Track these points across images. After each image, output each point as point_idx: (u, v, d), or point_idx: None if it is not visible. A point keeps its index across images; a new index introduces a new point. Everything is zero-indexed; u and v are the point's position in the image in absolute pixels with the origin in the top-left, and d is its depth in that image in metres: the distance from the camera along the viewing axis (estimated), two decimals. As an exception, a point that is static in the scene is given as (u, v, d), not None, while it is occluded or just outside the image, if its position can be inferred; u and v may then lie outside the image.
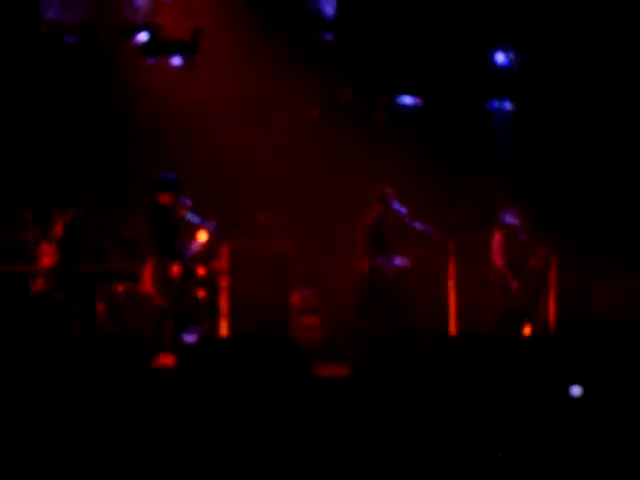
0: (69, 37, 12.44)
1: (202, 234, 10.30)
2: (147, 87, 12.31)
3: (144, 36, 12.29)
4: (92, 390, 6.55)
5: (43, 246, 10.66)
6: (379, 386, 6.90)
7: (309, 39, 13.44)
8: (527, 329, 11.82)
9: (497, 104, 14.26)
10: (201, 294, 11.27)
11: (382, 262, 11.47)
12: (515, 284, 11.80)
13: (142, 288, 9.99)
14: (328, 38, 13.44)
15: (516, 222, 11.86)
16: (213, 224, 10.50)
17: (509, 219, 11.88)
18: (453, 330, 11.77)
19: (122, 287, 10.99)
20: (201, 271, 10.93)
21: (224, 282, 11.16)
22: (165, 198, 9.95)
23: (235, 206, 12.44)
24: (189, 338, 10.13)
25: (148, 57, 12.32)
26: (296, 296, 12.28)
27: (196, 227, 10.38)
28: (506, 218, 11.88)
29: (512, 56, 14.08)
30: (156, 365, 9.01)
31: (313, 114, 13.42)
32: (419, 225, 11.44)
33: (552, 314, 12.21)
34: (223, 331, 11.03)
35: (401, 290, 11.59)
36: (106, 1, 12.39)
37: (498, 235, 11.89)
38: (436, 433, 6.39)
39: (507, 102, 14.27)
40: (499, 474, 6.13)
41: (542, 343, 8.16)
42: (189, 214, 10.15)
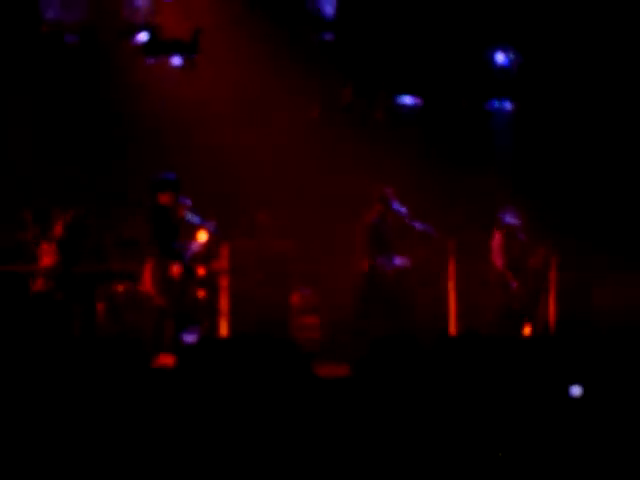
0: (69, 37, 12.44)
1: (202, 234, 10.30)
2: (147, 87, 12.31)
3: (144, 36, 12.29)
4: (92, 390, 6.55)
5: (43, 246, 10.66)
6: (379, 386, 6.90)
7: (309, 39, 13.44)
8: (527, 329, 11.82)
9: (497, 104, 14.26)
10: (201, 294, 11.27)
11: (382, 262, 11.47)
12: (515, 284, 11.81)
13: (142, 288, 9.99)
14: (328, 38, 13.45)
15: (516, 222, 11.87)
16: (213, 224, 10.50)
17: (509, 219, 11.88)
18: (453, 330, 11.78)
19: (122, 287, 10.99)
20: (201, 271, 10.93)
21: (224, 282, 11.17)
22: (165, 198, 9.96)
23: (235, 206, 12.44)
24: (189, 338, 10.12)
25: (148, 57, 12.32)
26: (296, 296, 12.29)
27: (196, 227, 10.39)
28: (506, 218, 11.88)
29: (512, 56, 14.08)
30: (156, 365, 9.01)
31: (313, 114, 13.43)
32: (419, 225, 11.44)
33: (552, 314, 12.21)
34: (223, 331, 11.04)
35: (401, 290, 11.59)
36: (106, 1, 12.39)
37: (498, 235, 11.90)
38: (436, 433, 6.39)
39: (507, 102, 14.26)
40: (499, 474, 6.12)
41: (542, 343, 8.16)
42: (189, 214, 10.15)
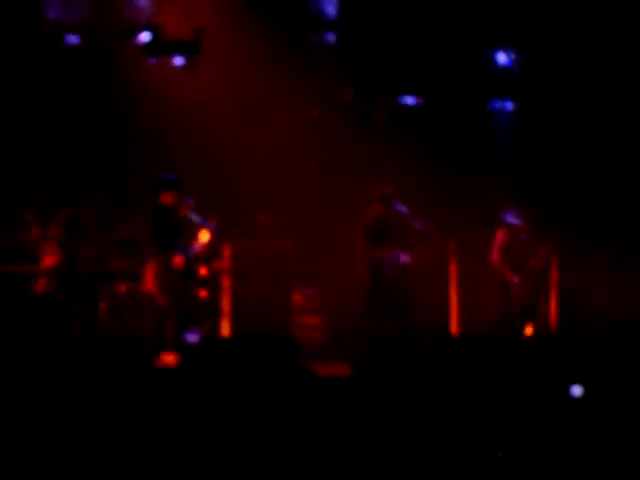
0: (70, 37, 12.44)
1: (204, 234, 10.31)
2: (148, 87, 12.30)
3: (146, 36, 12.28)
4: (94, 390, 6.56)
5: (44, 246, 10.66)
6: (380, 386, 6.91)
7: (310, 39, 13.44)
8: (529, 329, 11.80)
9: (498, 104, 14.25)
10: (203, 294, 11.28)
11: (382, 262, 11.47)
12: (516, 279, 11.79)
13: (144, 288, 10.00)
14: (329, 38, 13.45)
15: (517, 222, 11.86)
16: (214, 224, 10.52)
17: (510, 219, 11.87)
18: (454, 330, 11.78)
19: (124, 287, 11.00)
20: (203, 271, 10.94)
21: (226, 282, 11.18)
22: (167, 198, 9.97)
23: (235, 206, 12.44)
24: (191, 338, 10.14)
25: (149, 57, 12.32)
26: (297, 296, 12.30)
27: (198, 227, 10.40)
28: (507, 218, 11.87)
29: (513, 56, 14.08)
30: (158, 365, 9.03)
31: (313, 114, 13.42)
32: (420, 224, 11.43)
33: (553, 314, 12.21)
34: (225, 331, 11.04)
35: (401, 290, 11.58)
36: (107, 1, 12.39)
37: (500, 233, 11.87)
38: (437, 433, 6.40)
39: (508, 102, 14.26)
40: (499, 474, 6.13)
41: (542, 343, 8.17)
42: (191, 214, 10.17)
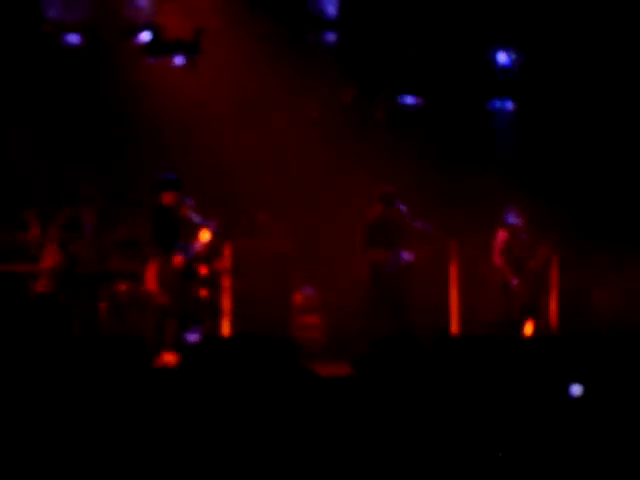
0: (70, 37, 12.45)
1: (205, 234, 10.31)
2: (148, 87, 12.30)
3: (146, 36, 12.29)
4: (95, 390, 6.56)
5: (45, 246, 10.66)
6: (380, 386, 6.91)
7: (310, 39, 13.44)
8: (529, 327, 11.79)
9: (498, 104, 14.26)
10: (203, 294, 11.29)
11: (383, 262, 11.46)
12: (516, 281, 11.80)
13: (145, 288, 10.00)
14: (329, 38, 13.45)
15: (518, 222, 11.86)
16: (214, 224, 10.52)
17: (511, 219, 11.87)
18: (454, 330, 11.80)
19: (124, 287, 11.00)
20: (203, 270, 10.94)
21: (226, 282, 11.19)
22: (167, 198, 9.98)
23: (236, 206, 12.44)
24: (192, 337, 10.14)
25: (150, 57, 12.32)
26: (297, 296, 12.31)
27: (198, 227, 10.40)
28: (508, 218, 11.87)
29: (513, 56, 14.09)
30: (158, 364, 9.03)
31: (313, 114, 13.42)
32: (419, 224, 11.43)
33: (553, 314, 12.22)
34: (225, 330, 11.06)
35: (401, 290, 11.58)
36: (108, 1, 12.40)
37: (501, 234, 11.88)
38: (437, 433, 6.40)
39: (509, 102, 14.27)
40: (499, 474, 6.13)
41: (542, 343, 8.18)
42: (192, 214, 10.18)
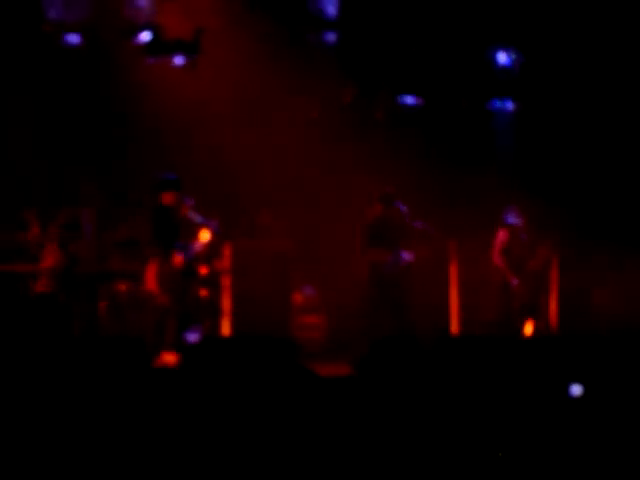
0: (71, 37, 12.45)
1: (205, 234, 10.31)
2: (148, 87, 12.30)
3: (146, 36, 12.29)
4: (95, 390, 6.56)
5: (45, 246, 10.66)
6: (380, 386, 6.91)
7: (310, 39, 13.44)
8: (529, 327, 11.79)
9: (499, 104, 14.26)
10: (203, 293, 11.29)
11: (383, 262, 11.46)
12: (516, 282, 11.80)
13: (145, 288, 10.00)
14: (329, 38, 13.45)
15: (518, 222, 11.86)
16: (214, 224, 10.52)
17: (511, 219, 11.87)
18: (454, 330, 11.80)
19: (124, 287, 11.00)
20: (203, 270, 10.94)
21: (226, 282, 11.19)
22: (167, 198, 9.98)
23: (236, 206, 12.44)
24: (191, 337, 10.14)
25: (150, 57, 12.32)
26: (297, 296, 12.31)
27: (199, 226, 10.41)
28: (509, 218, 11.88)
29: (514, 56, 14.09)
30: (158, 364, 9.03)
31: (313, 114, 13.40)
32: (420, 224, 11.43)
33: (553, 314, 12.23)
34: (225, 330, 11.06)
35: (401, 290, 11.57)
36: (108, 1, 12.40)
37: (502, 234, 11.88)
38: (437, 433, 6.40)
39: (509, 102, 14.27)
40: (499, 474, 6.13)
41: (542, 343, 8.19)
42: (192, 213, 10.18)
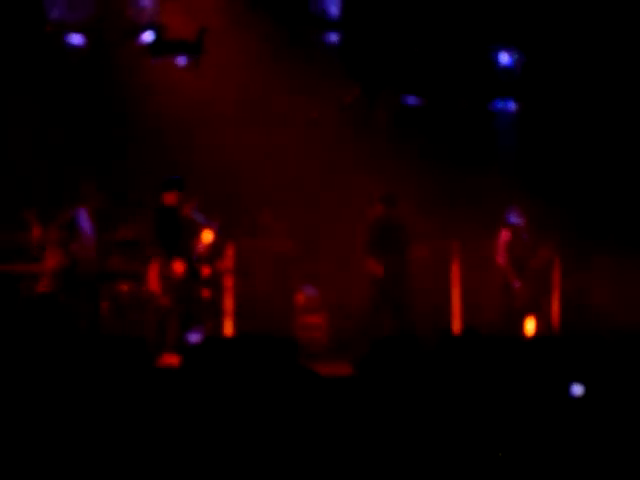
0: (73, 37, 12.47)
1: (208, 234, 10.33)
2: (151, 87, 12.31)
3: (149, 36, 12.30)
4: (96, 390, 6.58)
5: (46, 247, 10.67)
6: (381, 386, 6.93)
7: (313, 39, 13.46)
8: (530, 327, 11.79)
9: (501, 104, 14.28)
10: (206, 294, 11.30)
11: (378, 275, 11.46)
12: (518, 283, 11.81)
13: (147, 288, 10.02)
14: (332, 38, 13.47)
15: (520, 222, 11.88)
16: (216, 224, 10.54)
17: (513, 219, 11.89)
18: (456, 329, 11.82)
19: (126, 287, 11.02)
20: (206, 271, 10.95)
21: (229, 282, 11.21)
22: (170, 198, 10.00)
23: (238, 206, 12.45)
24: (194, 338, 10.15)
25: (153, 57, 12.33)
26: (299, 296, 12.33)
27: (201, 227, 10.43)
28: (510, 218, 11.89)
29: (515, 56, 14.10)
30: (160, 365, 9.04)
31: (314, 114, 13.38)
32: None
33: (554, 314, 12.24)
34: (227, 331, 11.08)
35: (401, 290, 11.59)
36: (111, 1, 12.42)
37: (504, 234, 11.89)
38: (438, 433, 6.42)
39: (511, 102, 14.29)
40: (499, 474, 6.15)
41: (543, 343, 8.20)
42: (194, 214, 10.20)
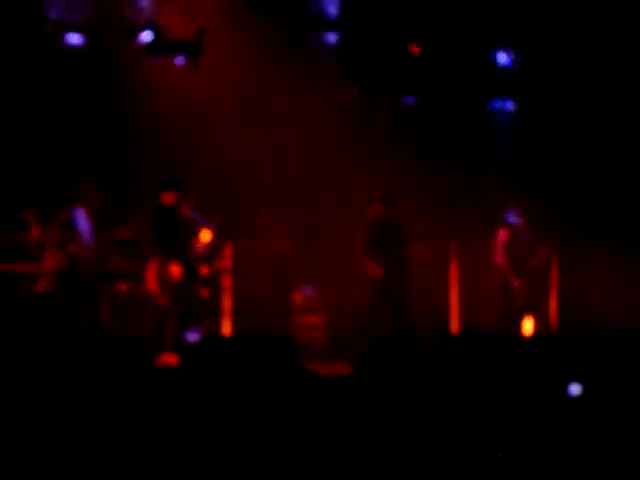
0: (72, 37, 12.47)
1: (206, 234, 10.33)
2: (150, 87, 12.31)
3: (147, 36, 12.30)
4: (95, 390, 6.58)
5: (46, 247, 10.67)
6: (380, 386, 6.93)
7: (311, 39, 13.46)
8: (529, 327, 11.79)
9: (499, 104, 14.28)
10: (204, 293, 11.30)
11: (377, 277, 11.46)
12: (517, 283, 11.82)
13: (145, 288, 10.02)
14: (330, 38, 13.47)
15: (519, 222, 11.88)
16: (215, 224, 10.54)
17: (512, 219, 11.89)
18: (455, 329, 11.81)
19: (125, 287, 11.01)
20: (204, 270, 10.95)
21: (227, 282, 11.21)
22: (168, 198, 10.00)
23: (236, 206, 12.45)
24: (192, 337, 10.15)
25: (151, 57, 12.33)
26: (298, 295, 12.33)
27: (199, 226, 10.42)
28: (509, 218, 11.89)
29: (514, 56, 14.10)
30: (159, 364, 9.04)
31: (313, 114, 13.29)
32: None
33: (553, 314, 12.24)
34: (226, 330, 11.08)
35: (401, 290, 11.59)
36: (110, 1, 12.42)
37: (502, 234, 11.89)
38: (437, 432, 6.42)
39: (509, 102, 14.29)
40: (499, 474, 6.15)
41: (542, 343, 8.20)
42: (192, 213, 10.19)
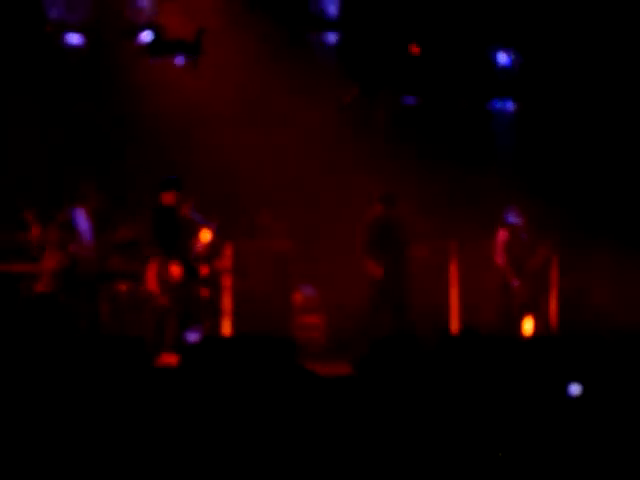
0: (72, 37, 12.47)
1: (206, 234, 10.33)
2: (149, 87, 12.31)
3: (147, 36, 12.30)
4: (95, 390, 6.58)
5: (46, 247, 10.67)
6: (380, 386, 6.93)
7: (311, 39, 13.46)
8: (529, 327, 11.79)
9: (499, 104, 14.28)
10: (204, 293, 11.30)
11: (377, 277, 11.46)
12: (517, 283, 11.82)
13: (145, 288, 10.02)
14: (330, 38, 13.48)
15: (518, 222, 11.88)
16: (215, 224, 10.54)
17: (512, 219, 11.89)
18: (454, 329, 11.82)
19: (125, 287, 11.02)
20: (204, 270, 10.95)
21: (227, 282, 11.21)
22: (168, 198, 10.00)
23: (236, 206, 12.45)
24: (192, 337, 10.16)
25: (151, 57, 12.33)
26: (297, 295, 12.33)
27: (199, 226, 10.43)
28: (509, 218, 11.89)
29: (514, 56, 14.10)
30: (159, 364, 9.05)
31: (313, 114, 13.29)
32: None
33: (553, 314, 12.24)
34: (226, 330, 11.08)
35: (401, 290, 11.59)
36: (110, 1, 12.42)
37: (502, 233, 11.89)
38: (437, 432, 6.42)
39: (509, 102, 14.29)
40: (499, 474, 6.15)
41: (542, 343, 8.20)
42: (192, 213, 10.19)
